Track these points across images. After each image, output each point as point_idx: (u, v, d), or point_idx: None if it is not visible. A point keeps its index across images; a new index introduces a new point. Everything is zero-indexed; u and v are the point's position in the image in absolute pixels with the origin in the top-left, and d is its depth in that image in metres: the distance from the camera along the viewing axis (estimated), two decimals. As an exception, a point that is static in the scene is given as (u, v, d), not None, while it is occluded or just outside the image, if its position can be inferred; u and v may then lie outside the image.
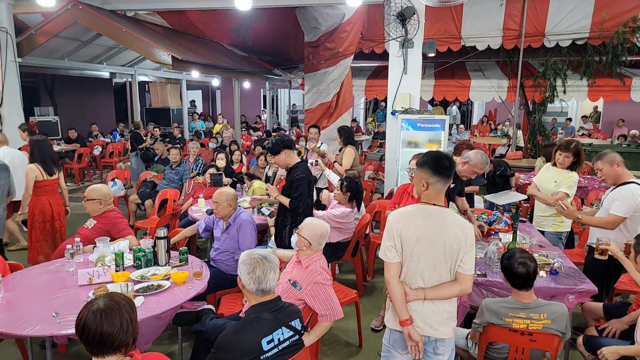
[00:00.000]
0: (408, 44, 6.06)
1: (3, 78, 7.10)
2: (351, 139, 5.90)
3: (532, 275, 2.50)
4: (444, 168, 2.19)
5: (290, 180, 3.64)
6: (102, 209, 3.67)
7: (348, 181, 4.35)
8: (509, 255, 2.59)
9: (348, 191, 4.30)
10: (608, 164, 3.41)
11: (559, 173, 3.96)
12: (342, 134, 5.82)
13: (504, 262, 2.58)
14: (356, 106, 13.07)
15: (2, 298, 2.70)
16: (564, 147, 3.96)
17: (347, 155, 5.67)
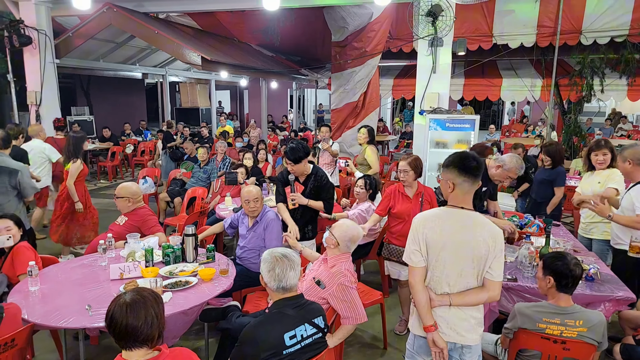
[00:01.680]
0: (437, 42, 5.96)
1: (42, 79, 7.39)
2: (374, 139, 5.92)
3: (580, 277, 2.42)
4: (471, 168, 2.11)
5: (318, 185, 3.67)
6: (131, 207, 3.77)
7: (370, 179, 4.45)
8: (557, 255, 2.49)
9: (370, 188, 4.43)
10: (621, 160, 3.36)
11: (599, 174, 3.80)
12: (370, 133, 5.78)
13: (555, 263, 2.44)
14: (383, 106, 12.97)
15: (38, 290, 2.81)
16: (596, 146, 3.81)
17: (370, 154, 5.59)
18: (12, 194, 4.00)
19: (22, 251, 3.16)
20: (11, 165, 4.00)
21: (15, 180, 3.97)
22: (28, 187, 4.01)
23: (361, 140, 5.77)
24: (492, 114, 22.44)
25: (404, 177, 3.58)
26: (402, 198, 3.65)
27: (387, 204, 3.70)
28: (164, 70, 12.37)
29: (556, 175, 4.55)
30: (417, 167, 3.57)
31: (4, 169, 3.95)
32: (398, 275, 3.71)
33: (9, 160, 4.03)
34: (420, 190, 3.60)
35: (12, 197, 4.01)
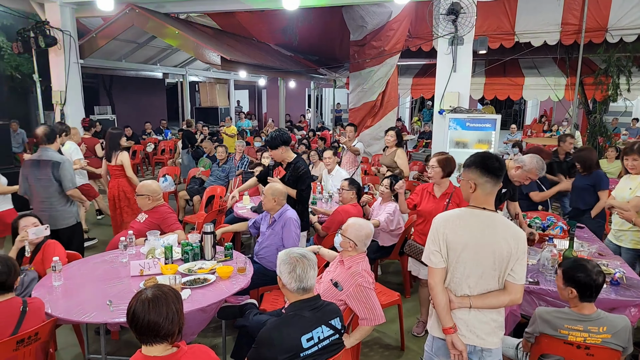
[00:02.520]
0: (458, 41, 5.87)
1: (66, 79, 7.56)
2: (402, 142, 5.90)
3: (602, 285, 2.35)
4: (494, 168, 2.07)
5: (296, 174, 3.88)
6: (151, 204, 3.82)
7: (396, 179, 4.32)
8: (578, 265, 2.39)
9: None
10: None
11: (633, 179, 3.66)
12: (399, 135, 5.69)
13: (577, 275, 2.35)
14: (401, 105, 12.87)
15: (61, 285, 2.88)
16: (628, 150, 3.68)
17: (402, 157, 5.53)
18: (56, 186, 4.11)
19: (51, 246, 3.27)
20: (55, 157, 4.13)
21: (57, 172, 4.08)
22: (66, 179, 4.11)
23: (389, 144, 5.64)
24: (513, 114, 22.06)
25: (430, 173, 3.54)
26: (428, 197, 3.61)
27: (413, 201, 3.68)
28: (184, 70, 12.53)
29: (596, 179, 4.26)
30: (447, 166, 3.48)
31: (48, 162, 4.08)
32: (417, 273, 3.69)
33: (53, 154, 4.16)
34: (449, 191, 3.52)
35: (55, 189, 4.12)
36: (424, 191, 3.67)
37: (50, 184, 4.10)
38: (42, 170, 4.08)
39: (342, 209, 4.24)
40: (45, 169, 4.08)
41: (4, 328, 2.26)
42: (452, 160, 3.54)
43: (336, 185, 5.18)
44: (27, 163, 4.17)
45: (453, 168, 3.55)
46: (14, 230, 3.35)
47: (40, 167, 4.09)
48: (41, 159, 4.10)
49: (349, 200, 4.39)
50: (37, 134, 4.18)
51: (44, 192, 4.11)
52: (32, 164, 4.12)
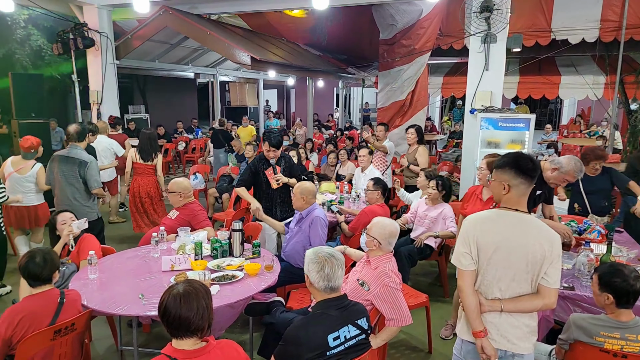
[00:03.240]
0: (490, 39, 5.73)
1: (103, 79, 7.83)
2: (424, 139, 5.91)
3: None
4: (528, 169, 2.01)
5: (289, 165, 4.32)
6: (182, 201, 3.91)
7: (442, 179, 4.24)
8: (614, 270, 2.30)
9: (444, 189, 4.20)
10: None
11: None
12: (419, 132, 5.71)
13: (613, 280, 2.26)
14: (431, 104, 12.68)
15: (97, 279, 2.98)
16: None
17: (423, 154, 5.57)
18: (81, 183, 4.27)
19: (88, 240, 3.40)
20: (82, 157, 4.28)
21: (84, 171, 4.23)
22: (92, 179, 4.26)
23: (410, 141, 5.67)
24: (549, 113, 21.38)
25: (479, 175, 3.48)
26: (475, 199, 3.55)
27: (464, 203, 3.63)
28: (215, 70, 12.74)
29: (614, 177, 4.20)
30: None
31: (75, 160, 4.23)
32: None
33: (81, 152, 4.31)
34: None
35: (80, 187, 4.27)
36: (473, 194, 3.62)
37: (75, 181, 4.25)
38: (69, 166, 4.23)
39: (368, 209, 4.21)
40: (72, 166, 4.22)
41: (42, 318, 2.36)
42: None
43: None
44: (56, 157, 4.31)
45: None
46: (51, 226, 3.48)
47: (68, 163, 4.24)
48: (69, 156, 4.25)
49: (375, 201, 4.34)
50: (69, 131, 4.35)
51: (68, 187, 4.24)
52: (60, 159, 4.26)
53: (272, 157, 4.16)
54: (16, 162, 4.74)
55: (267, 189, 4.20)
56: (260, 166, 4.22)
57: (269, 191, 4.20)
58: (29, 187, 4.69)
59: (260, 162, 4.23)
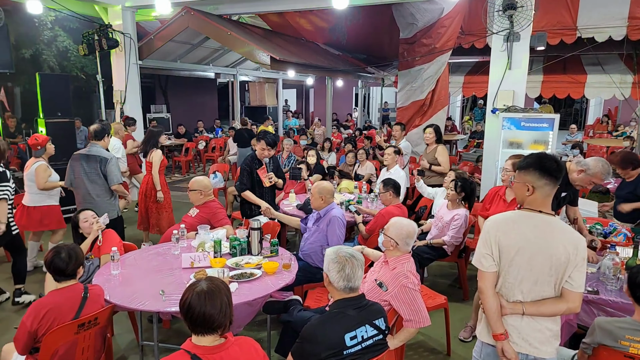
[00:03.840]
0: (513, 37, 5.63)
1: (126, 79, 7.99)
2: (442, 138, 5.85)
3: None
4: (553, 169, 1.97)
5: (276, 165, 4.63)
6: (202, 199, 3.96)
7: (462, 181, 4.14)
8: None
9: (463, 191, 4.10)
10: None
11: None
12: (437, 132, 5.68)
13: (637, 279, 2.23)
14: (452, 104, 12.53)
15: (119, 274, 3.04)
16: None
17: (443, 153, 5.52)
18: (102, 180, 4.38)
19: (109, 235, 3.51)
20: (102, 154, 4.40)
21: (105, 168, 4.34)
22: (112, 175, 4.36)
23: (428, 141, 5.63)
24: (574, 113, 20.87)
25: (503, 176, 3.41)
26: (499, 200, 3.49)
27: (486, 205, 3.56)
28: (235, 70, 12.85)
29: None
30: None
31: (96, 157, 4.35)
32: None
33: (101, 150, 4.43)
34: None
35: (102, 183, 4.38)
36: (495, 194, 3.56)
37: (97, 178, 4.35)
38: (90, 164, 4.33)
39: (385, 211, 4.17)
40: (93, 164, 4.33)
41: (66, 312, 2.42)
42: None
43: None
44: (76, 156, 4.41)
45: None
46: (74, 225, 3.57)
47: (89, 161, 4.34)
48: (90, 154, 4.36)
49: (390, 202, 4.31)
50: (89, 130, 4.50)
51: (90, 185, 4.34)
52: (81, 157, 4.37)
53: (266, 156, 4.43)
54: (28, 162, 4.75)
55: (259, 188, 4.47)
56: (254, 166, 4.46)
57: (261, 190, 4.49)
58: (30, 185, 4.63)
59: (253, 162, 4.48)
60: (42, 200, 4.67)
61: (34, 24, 10.36)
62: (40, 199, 4.66)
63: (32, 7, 6.12)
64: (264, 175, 4.42)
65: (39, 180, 4.56)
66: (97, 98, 10.10)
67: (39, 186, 4.59)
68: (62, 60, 11.21)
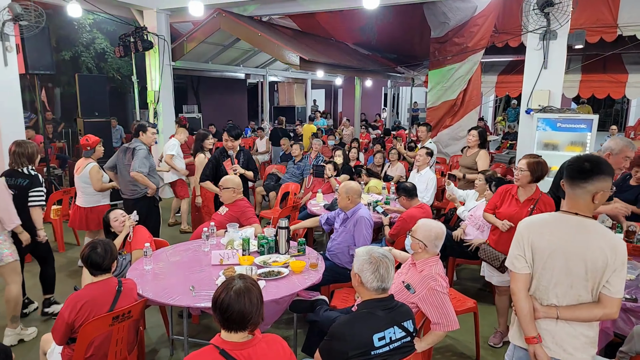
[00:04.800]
0: (550, 35, 5.45)
1: (160, 79, 8.20)
2: (486, 143, 5.58)
3: None
4: (584, 171, 1.91)
5: (247, 158, 4.78)
6: (234, 197, 4.02)
7: (497, 180, 4.08)
8: None
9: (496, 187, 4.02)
10: None
11: None
12: (482, 135, 5.35)
13: None
14: (484, 104, 12.26)
15: (151, 270, 3.13)
16: None
17: (484, 159, 5.20)
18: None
19: (140, 231, 3.61)
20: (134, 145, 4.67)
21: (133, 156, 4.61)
22: (135, 162, 4.54)
23: (471, 143, 5.31)
24: (614, 114, 20.03)
25: (517, 176, 3.32)
26: (511, 200, 3.39)
27: (494, 202, 3.49)
28: (265, 71, 13.00)
29: None
30: (537, 170, 3.23)
31: (131, 149, 4.67)
32: (490, 278, 3.55)
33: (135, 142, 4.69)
34: (535, 197, 3.28)
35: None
36: (506, 193, 3.46)
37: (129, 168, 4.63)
38: (127, 156, 4.71)
39: (406, 215, 4.10)
40: (128, 155, 4.69)
41: (102, 305, 2.50)
42: (544, 165, 3.27)
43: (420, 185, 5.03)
44: (122, 149, 4.87)
45: (544, 173, 3.27)
46: (105, 224, 3.69)
47: (127, 152, 4.72)
48: (128, 147, 4.74)
49: (408, 205, 4.25)
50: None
51: (127, 175, 4.64)
52: (121, 149, 4.84)
53: (231, 148, 4.61)
54: (78, 162, 4.90)
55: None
56: (221, 158, 4.64)
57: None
58: (82, 187, 4.75)
59: (221, 155, 4.66)
60: (97, 201, 4.82)
61: (74, 27, 10.78)
62: (96, 200, 4.80)
63: (72, 10, 6.36)
64: (229, 167, 4.59)
65: (95, 182, 4.69)
66: (131, 98, 10.43)
67: (95, 188, 4.72)
68: (99, 61, 11.63)
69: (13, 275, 3.50)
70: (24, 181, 3.66)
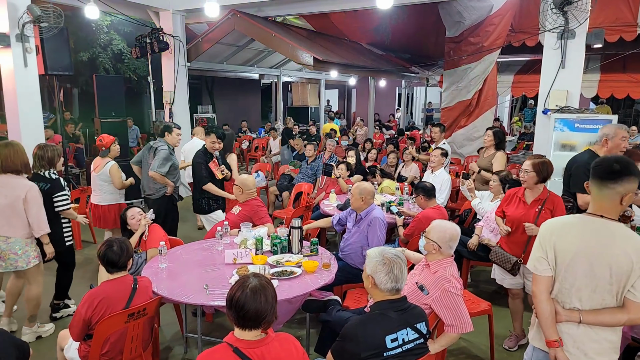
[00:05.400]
0: (568, 34, 5.35)
1: (175, 80, 8.29)
2: (503, 144, 5.33)
3: None
4: (614, 172, 1.86)
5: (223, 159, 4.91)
6: (243, 197, 4.06)
7: (511, 182, 4.02)
8: None
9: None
10: None
11: None
12: (497, 136, 5.22)
13: None
14: (500, 104, 12.11)
15: (166, 268, 3.16)
16: None
17: (500, 160, 5.08)
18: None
19: (155, 230, 3.65)
20: (156, 144, 4.79)
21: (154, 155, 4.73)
22: (155, 161, 4.63)
23: (487, 144, 5.22)
24: (634, 114, 19.58)
25: (523, 177, 3.28)
26: (518, 202, 3.36)
27: (502, 205, 3.45)
28: (279, 71, 13.04)
29: None
30: (542, 171, 3.21)
31: (153, 149, 4.81)
32: (502, 281, 3.50)
33: (159, 142, 4.82)
34: (543, 197, 3.24)
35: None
36: (513, 196, 3.42)
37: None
38: (150, 154, 4.84)
39: (422, 215, 4.06)
40: (151, 154, 4.81)
41: (117, 302, 2.54)
42: (549, 164, 3.25)
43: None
44: (147, 146, 5.01)
45: (549, 173, 3.24)
46: (122, 222, 3.74)
47: (150, 151, 4.86)
48: (152, 145, 4.87)
49: (425, 205, 4.19)
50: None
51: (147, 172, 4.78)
52: (147, 147, 5.00)
53: (217, 149, 4.67)
54: (95, 161, 4.95)
55: (212, 181, 4.67)
56: (207, 159, 4.65)
57: (215, 183, 4.69)
58: (101, 185, 4.78)
59: (206, 156, 4.69)
60: (115, 199, 4.86)
61: (92, 29, 10.97)
62: (114, 198, 4.84)
63: (89, 12, 6.47)
64: (216, 168, 4.62)
65: (116, 180, 4.71)
66: (147, 99, 10.56)
67: (117, 186, 4.75)
68: (116, 62, 11.81)
69: (36, 276, 3.57)
70: (45, 185, 3.64)
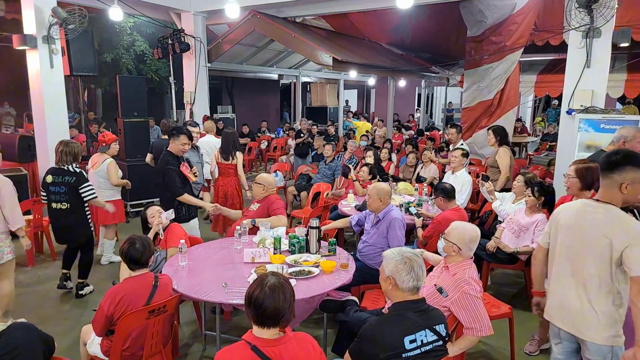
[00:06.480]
0: (593, 33, 5.22)
1: (196, 80, 8.40)
2: (505, 139, 5.45)
3: None
4: (612, 162, 2.12)
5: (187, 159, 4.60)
6: (264, 194, 4.12)
7: (538, 185, 3.89)
8: None
9: (542, 195, 3.83)
10: None
11: None
12: (497, 134, 5.33)
13: None
14: (523, 104, 11.90)
15: (186, 266, 3.21)
16: None
17: (503, 156, 5.12)
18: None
19: (175, 229, 3.69)
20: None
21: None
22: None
23: (491, 143, 5.44)
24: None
25: (566, 183, 3.18)
26: None
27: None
28: (298, 72, 13.09)
29: None
30: (586, 177, 3.03)
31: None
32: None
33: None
34: None
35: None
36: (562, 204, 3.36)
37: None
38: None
39: (441, 217, 4.00)
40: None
41: (139, 298, 2.59)
42: (594, 170, 3.01)
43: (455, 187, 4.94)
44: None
45: (595, 179, 3.03)
46: (143, 220, 3.79)
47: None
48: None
49: (444, 206, 4.12)
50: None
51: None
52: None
53: (186, 151, 4.38)
54: (93, 158, 5.01)
55: (187, 186, 4.30)
56: (177, 164, 4.25)
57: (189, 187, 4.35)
58: (99, 182, 4.82)
59: (174, 160, 4.25)
60: (113, 195, 4.96)
61: (115, 30, 11.21)
62: (111, 194, 4.94)
63: (113, 14, 6.61)
64: (188, 171, 4.32)
65: (113, 176, 4.86)
66: (168, 99, 10.73)
67: (113, 182, 4.87)
68: (138, 63, 12.04)
69: (9, 272, 3.63)
70: (71, 178, 3.95)
